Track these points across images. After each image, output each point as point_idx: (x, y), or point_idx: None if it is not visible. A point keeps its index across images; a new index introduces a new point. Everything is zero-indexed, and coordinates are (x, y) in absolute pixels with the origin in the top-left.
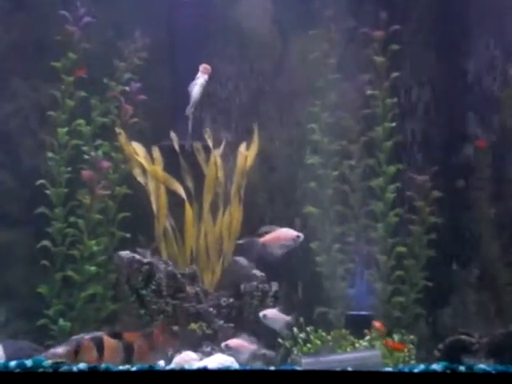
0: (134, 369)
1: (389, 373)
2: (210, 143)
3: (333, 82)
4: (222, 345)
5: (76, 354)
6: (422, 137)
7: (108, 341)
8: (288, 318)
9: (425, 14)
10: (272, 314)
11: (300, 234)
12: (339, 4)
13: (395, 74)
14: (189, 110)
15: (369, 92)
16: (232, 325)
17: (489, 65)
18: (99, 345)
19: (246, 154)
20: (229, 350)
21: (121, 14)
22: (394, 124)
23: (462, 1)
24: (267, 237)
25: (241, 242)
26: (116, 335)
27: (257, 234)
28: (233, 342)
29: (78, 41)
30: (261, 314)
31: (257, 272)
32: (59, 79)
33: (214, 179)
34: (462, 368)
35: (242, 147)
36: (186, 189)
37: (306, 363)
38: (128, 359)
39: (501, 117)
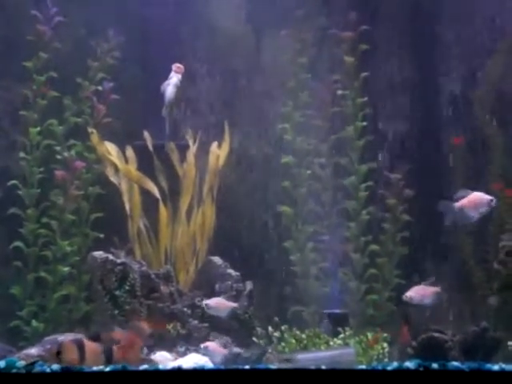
0: (107, 369)
1: (362, 370)
2: (191, 143)
3: (305, 82)
4: (201, 346)
5: (58, 354)
6: (396, 135)
7: (88, 344)
8: (233, 305)
9: (396, 14)
10: (215, 303)
11: (493, 198)
12: (312, 4)
13: (365, 74)
14: (165, 111)
15: (339, 92)
16: (206, 325)
17: (461, 63)
18: (80, 347)
19: (218, 153)
20: (208, 352)
21: (93, 13)
22: (364, 123)
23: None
24: (463, 201)
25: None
26: (96, 338)
27: (453, 198)
28: (211, 345)
29: (50, 40)
30: (203, 303)
31: (231, 271)
32: (30, 79)
33: (192, 179)
34: (435, 365)
35: (214, 146)
36: (160, 189)
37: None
38: (108, 362)
39: (473, 115)
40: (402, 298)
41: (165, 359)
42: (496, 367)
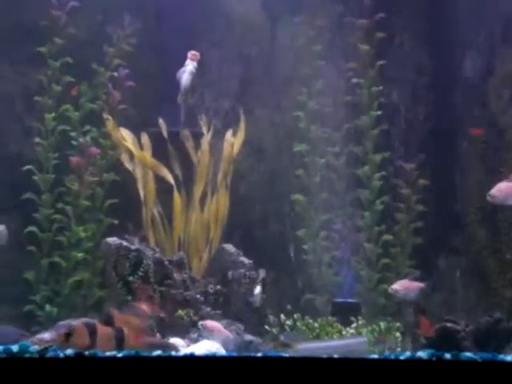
0: (120, 355)
1: (375, 360)
2: (205, 130)
3: (319, 70)
4: (199, 323)
5: (68, 336)
6: (412, 124)
7: (101, 328)
8: (230, 335)
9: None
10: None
11: None
12: None
13: (380, 62)
14: (180, 99)
15: (354, 80)
16: (219, 312)
17: (478, 52)
18: (92, 331)
19: (233, 141)
20: (204, 330)
21: None
22: (379, 112)
23: None
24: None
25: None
26: (109, 323)
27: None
28: (210, 323)
29: (64, 26)
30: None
31: (244, 259)
32: (45, 64)
33: (206, 166)
34: (447, 356)
35: (229, 134)
36: (175, 176)
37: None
38: (119, 348)
39: (489, 105)
40: (388, 291)
41: (178, 345)
42: (509, 358)
